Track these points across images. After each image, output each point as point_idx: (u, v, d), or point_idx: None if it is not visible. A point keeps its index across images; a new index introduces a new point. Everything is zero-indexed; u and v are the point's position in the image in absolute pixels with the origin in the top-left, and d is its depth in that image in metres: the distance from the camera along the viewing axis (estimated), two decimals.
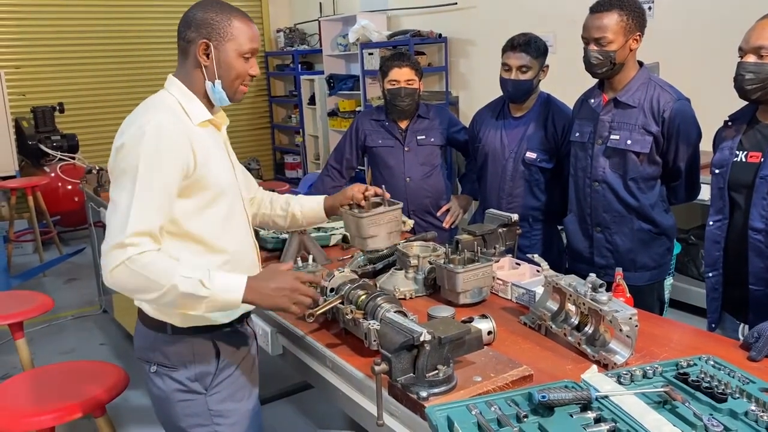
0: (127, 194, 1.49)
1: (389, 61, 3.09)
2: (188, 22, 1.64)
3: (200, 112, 1.67)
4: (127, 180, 1.50)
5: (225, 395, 1.74)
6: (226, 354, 1.74)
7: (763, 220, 1.90)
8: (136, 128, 1.54)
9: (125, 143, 1.54)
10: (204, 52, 1.63)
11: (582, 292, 1.70)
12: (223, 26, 1.62)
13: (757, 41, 1.85)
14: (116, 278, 1.47)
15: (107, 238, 1.49)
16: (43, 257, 5.90)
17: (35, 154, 6.31)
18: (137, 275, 1.46)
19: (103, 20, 7.20)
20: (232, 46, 1.64)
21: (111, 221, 1.50)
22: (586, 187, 2.45)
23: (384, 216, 1.96)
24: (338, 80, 7.12)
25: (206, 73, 1.65)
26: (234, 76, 1.66)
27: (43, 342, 4.25)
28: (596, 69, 2.30)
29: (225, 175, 1.70)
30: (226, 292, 1.52)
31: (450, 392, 1.44)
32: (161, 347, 1.70)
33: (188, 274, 1.48)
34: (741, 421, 1.26)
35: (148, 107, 1.63)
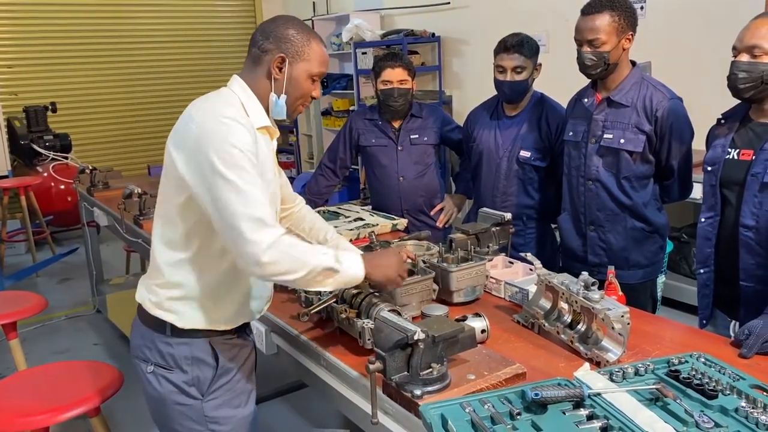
0: (240, 182, 1.48)
1: (382, 61, 3.09)
2: (267, 33, 1.66)
3: (261, 117, 1.67)
4: (234, 169, 1.49)
5: (222, 401, 1.72)
6: (225, 360, 1.72)
7: (753, 217, 1.92)
8: (214, 119, 1.53)
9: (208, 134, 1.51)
10: (278, 66, 1.64)
11: (574, 290, 1.71)
12: (302, 45, 1.65)
13: (751, 40, 1.86)
14: (272, 257, 1.48)
15: (240, 228, 1.46)
16: (36, 257, 5.89)
17: (28, 154, 6.29)
18: (288, 255, 1.50)
19: (95, 20, 7.17)
20: (305, 66, 1.66)
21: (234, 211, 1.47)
22: (579, 186, 2.46)
23: (416, 285, 1.95)
24: (332, 79, 7.12)
25: (274, 86, 1.66)
26: (299, 95, 1.69)
27: (36, 342, 4.24)
28: (590, 70, 2.32)
29: (273, 183, 1.73)
30: (351, 268, 1.61)
31: (444, 390, 1.45)
32: (159, 347, 1.69)
33: (324, 251, 1.59)
34: (731, 417, 1.28)
35: (215, 100, 1.63)
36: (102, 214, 3.91)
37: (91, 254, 4.63)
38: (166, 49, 7.61)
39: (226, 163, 1.49)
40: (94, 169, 4.28)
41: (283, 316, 2.03)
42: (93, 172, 4.24)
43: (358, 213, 3.10)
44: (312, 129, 7.56)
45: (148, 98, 7.47)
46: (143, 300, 1.72)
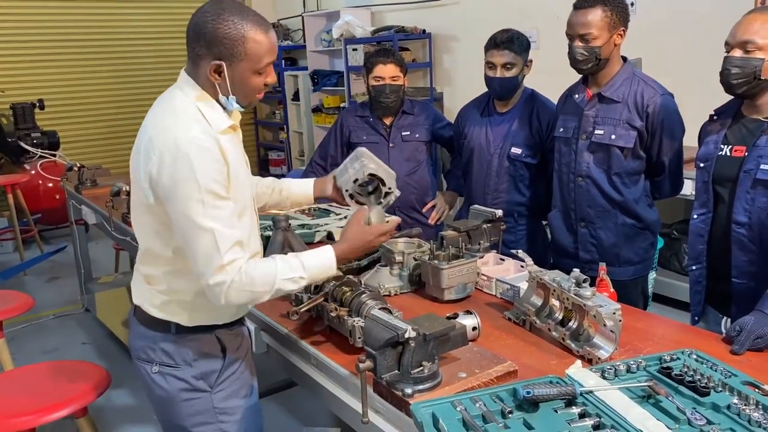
0: (203, 220, 1.48)
1: (373, 57, 3.08)
2: (197, 32, 1.51)
3: (221, 120, 1.58)
4: (195, 207, 1.47)
5: (229, 392, 1.73)
6: (231, 350, 1.73)
7: (746, 213, 1.92)
8: (173, 146, 1.47)
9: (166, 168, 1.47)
10: (215, 72, 1.53)
11: (566, 287, 1.70)
12: (237, 45, 1.50)
13: (744, 36, 1.86)
14: (229, 299, 1.53)
15: (204, 269, 1.50)
16: (23, 256, 5.84)
17: (15, 152, 6.22)
18: (245, 293, 1.54)
19: (83, 16, 7.11)
20: (248, 66, 1.53)
21: (197, 249, 1.50)
22: (570, 183, 2.46)
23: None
24: (322, 76, 7.10)
25: (219, 89, 1.56)
26: (249, 92, 1.59)
27: (24, 341, 4.20)
28: (582, 65, 2.31)
29: (247, 183, 1.69)
30: (321, 272, 1.66)
31: (435, 389, 1.44)
32: (164, 346, 1.67)
33: (287, 275, 1.58)
34: (723, 414, 1.27)
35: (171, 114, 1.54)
36: (90, 212, 3.88)
37: (79, 252, 4.59)
38: (154, 46, 7.56)
39: (196, 211, 1.47)
40: (82, 167, 4.24)
41: (273, 314, 2.01)
42: (81, 170, 4.20)
43: (349, 210, 3.08)
44: (303, 126, 7.53)
45: (136, 95, 7.42)
46: (143, 302, 1.69)
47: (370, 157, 1.98)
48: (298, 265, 1.60)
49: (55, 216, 6.16)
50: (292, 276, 1.58)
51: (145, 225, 1.62)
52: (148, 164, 1.50)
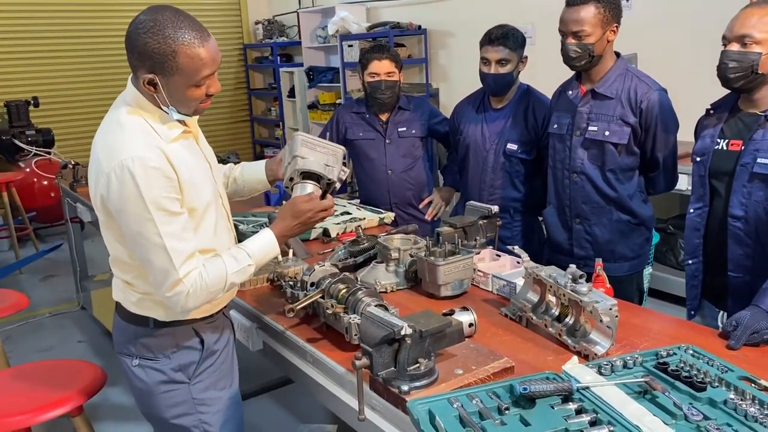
0: (154, 237, 1.50)
1: (369, 53, 3.07)
2: (130, 44, 1.49)
3: (170, 130, 1.58)
4: (145, 225, 1.50)
5: (208, 384, 1.75)
6: (209, 342, 1.75)
7: (742, 207, 1.92)
8: (117, 168, 1.48)
9: (113, 190, 1.49)
10: (150, 84, 1.50)
11: (562, 283, 1.70)
12: (168, 60, 1.46)
13: (741, 30, 1.86)
14: (186, 307, 1.58)
15: (161, 283, 1.54)
16: (18, 254, 5.81)
17: (9, 150, 6.20)
18: (203, 295, 1.58)
19: (77, 13, 7.08)
20: (182, 80, 1.49)
21: (154, 266, 1.54)
22: (564, 179, 2.46)
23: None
24: (318, 72, 7.08)
25: (159, 100, 1.54)
26: (189, 103, 1.56)
27: (20, 340, 4.18)
28: (575, 62, 2.31)
29: (207, 183, 1.67)
30: (266, 254, 1.72)
31: (431, 386, 1.44)
32: (143, 340, 1.69)
33: (235, 268, 1.63)
34: (720, 409, 1.27)
35: (116, 134, 1.53)
36: (85, 209, 3.86)
37: (74, 250, 4.58)
38: None
39: (148, 229, 1.50)
40: (77, 164, 4.22)
41: (269, 312, 2.01)
42: (76, 167, 4.18)
43: (345, 207, 3.08)
44: (298, 123, 7.52)
45: None
46: (121, 299, 1.72)
47: (306, 144, 1.86)
48: (243, 255, 1.66)
49: (50, 214, 6.13)
50: (240, 267, 1.64)
51: (108, 236, 1.65)
52: (97, 186, 1.54)
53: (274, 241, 1.73)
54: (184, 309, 1.59)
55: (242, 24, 8.20)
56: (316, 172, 1.83)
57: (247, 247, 1.69)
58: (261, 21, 8.00)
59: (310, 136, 1.91)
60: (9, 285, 4.61)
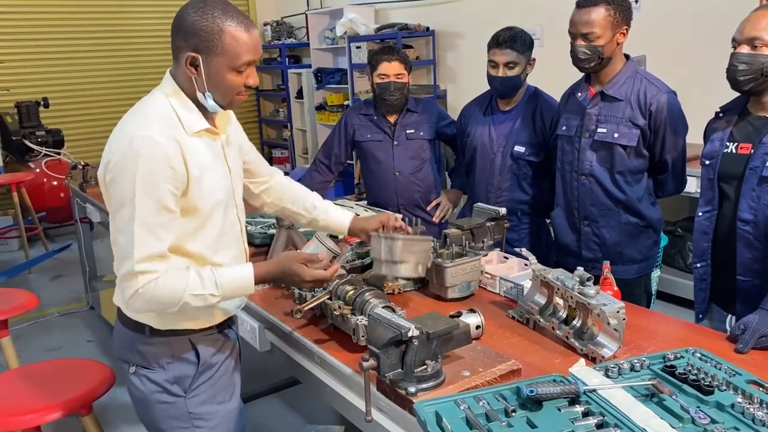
0: (128, 219, 1.46)
1: (378, 54, 3.07)
2: (178, 26, 1.50)
3: (195, 122, 1.56)
4: (126, 204, 1.46)
5: (205, 398, 1.70)
6: (206, 356, 1.70)
7: (751, 211, 1.91)
8: (126, 142, 1.46)
9: (114, 160, 1.47)
10: (191, 64, 1.50)
11: (570, 285, 1.70)
12: (213, 38, 1.47)
13: (752, 32, 1.85)
14: (133, 306, 1.55)
15: (117, 267, 1.50)
16: (28, 254, 5.85)
17: (20, 150, 6.24)
18: (151, 302, 1.52)
19: (87, 13, 7.12)
20: (224, 61, 1.49)
21: (117, 248, 1.50)
22: (573, 181, 2.45)
23: (416, 244, 1.93)
24: (326, 74, 7.09)
25: (197, 85, 1.53)
26: (226, 91, 1.54)
27: (29, 339, 4.21)
28: (584, 64, 2.30)
29: (220, 186, 1.63)
30: (237, 289, 1.62)
31: (438, 387, 1.44)
32: (139, 348, 1.66)
33: (197, 291, 1.53)
34: (727, 413, 1.27)
35: (139, 114, 1.54)
36: (95, 210, 3.89)
37: (84, 250, 4.61)
38: (159, 43, 7.55)
39: (125, 209, 1.46)
40: (86, 165, 4.25)
41: (277, 312, 2.01)
42: (85, 168, 4.21)
43: (353, 209, 3.08)
44: (306, 124, 7.53)
45: (141, 93, 7.21)
46: (120, 303, 1.68)
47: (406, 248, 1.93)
48: (211, 281, 1.55)
49: (59, 214, 6.17)
50: (202, 293, 1.54)
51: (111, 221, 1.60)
52: (104, 156, 1.52)
53: (250, 280, 1.62)
54: (129, 306, 1.55)
55: None
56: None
57: (219, 274, 1.57)
58: (269, 22, 8.02)
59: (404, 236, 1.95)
60: (19, 284, 4.65)
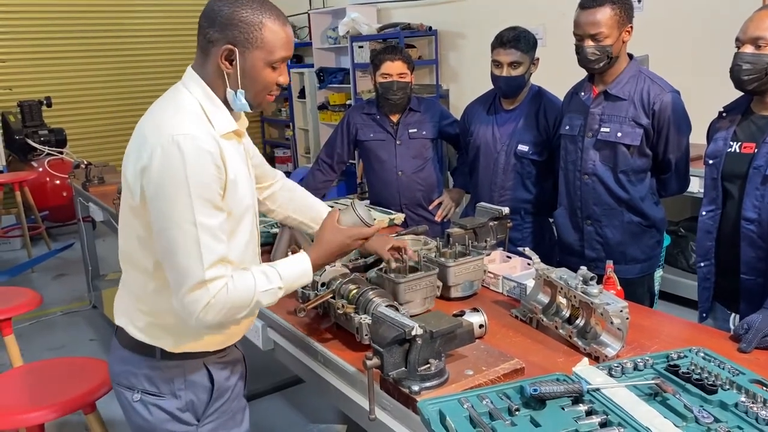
0: (188, 226, 1.35)
1: (381, 54, 3.07)
2: (212, 17, 1.41)
3: (225, 122, 1.47)
4: (182, 211, 1.34)
5: (217, 425, 1.61)
6: (220, 380, 1.60)
7: (755, 210, 1.92)
8: (165, 142, 1.35)
9: (155, 166, 1.35)
10: (227, 59, 1.42)
11: (573, 285, 1.70)
12: (253, 30, 1.40)
13: (755, 32, 1.85)
14: (203, 320, 1.39)
15: (181, 283, 1.37)
16: (31, 253, 5.85)
17: (23, 149, 6.25)
18: (224, 309, 1.40)
19: (90, 13, 7.13)
20: (261, 55, 1.42)
21: (177, 260, 1.36)
22: (576, 180, 2.45)
23: (420, 281, 1.90)
24: (328, 73, 7.09)
25: (228, 81, 1.44)
26: (260, 88, 1.47)
27: (32, 338, 4.22)
28: (593, 65, 2.30)
29: (249, 193, 1.56)
30: (298, 279, 1.55)
31: (442, 386, 1.44)
32: (147, 372, 1.54)
33: (265, 287, 1.45)
34: (731, 412, 1.27)
35: (171, 110, 1.43)
36: (97, 209, 3.89)
37: (86, 249, 4.62)
38: (161, 42, 7.58)
39: (182, 214, 1.34)
40: (89, 164, 4.26)
41: (280, 311, 2.01)
42: (88, 167, 4.21)
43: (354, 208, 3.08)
44: (309, 123, 7.53)
45: (143, 92, 7.43)
46: (126, 324, 1.55)
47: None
48: (275, 275, 1.48)
49: (62, 213, 6.18)
50: (270, 287, 1.46)
51: (129, 230, 1.50)
52: (139, 161, 1.39)
53: (309, 268, 1.55)
54: (200, 322, 1.39)
55: None
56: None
57: (278, 267, 1.51)
58: None
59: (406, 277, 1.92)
60: (21, 283, 4.65)
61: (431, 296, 1.93)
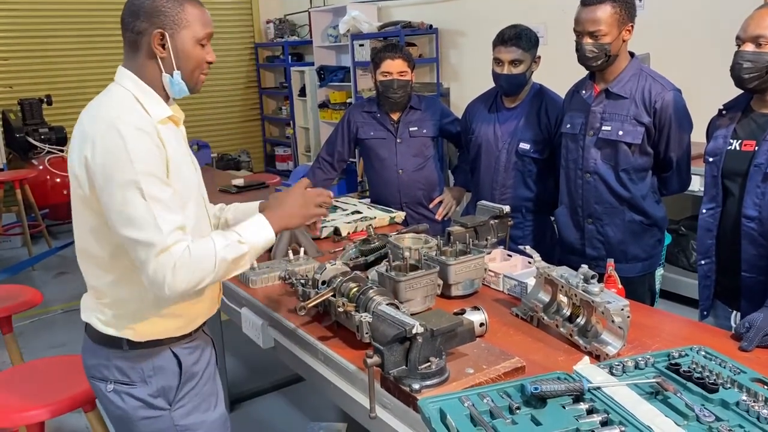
0: (140, 201, 1.41)
1: (382, 52, 3.07)
2: (135, 11, 1.52)
3: (160, 109, 1.56)
4: (131, 188, 1.41)
5: (190, 408, 1.67)
6: (188, 365, 1.66)
7: (756, 207, 1.91)
8: (107, 128, 1.43)
9: (98, 153, 1.42)
10: (159, 43, 1.52)
11: (574, 283, 1.70)
12: (178, 13, 1.52)
13: (756, 30, 1.85)
14: (174, 286, 1.42)
15: (146, 254, 1.41)
16: (31, 251, 5.86)
17: (23, 147, 6.25)
18: (191, 271, 1.43)
19: (91, 11, 7.12)
20: (189, 33, 1.54)
21: (137, 234, 1.41)
22: (577, 179, 2.45)
23: (421, 280, 1.90)
24: (329, 72, 7.09)
25: (163, 66, 1.54)
26: (194, 66, 1.57)
27: (33, 336, 4.22)
28: (591, 62, 2.30)
29: (193, 176, 1.64)
30: (259, 235, 1.56)
31: (442, 384, 1.44)
32: (117, 363, 1.60)
33: (224, 243, 1.49)
34: (732, 411, 1.27)
35: (106, 104, 1.52)
36: None
37: None
38: None
39: (133, 194, 1.41)
40: None
41: (281, 309, 2.02)
42: None
43: (356, 206, 3.08)
44: (309, 122, 7.53)
45: None
46: (90, 319, 1.63)
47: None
48: (231, 233, 1.53)
49: (62, 211, 6.18)
50: (228, 242, 1.49)
51: (82, 223, 1.56)
52: (82, 152, 1.45)
53: (265, 221, 1.59)
54: (172, 290, 1.42)
55: (253, 23, 8.22)
56: None
57: (237, 227, 1.57)
58: (272, 20, 8.02)
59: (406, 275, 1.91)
60: (22, 281, 4.65)
61: (432, 294, 1.93)
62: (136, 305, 1.56)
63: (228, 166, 7.37)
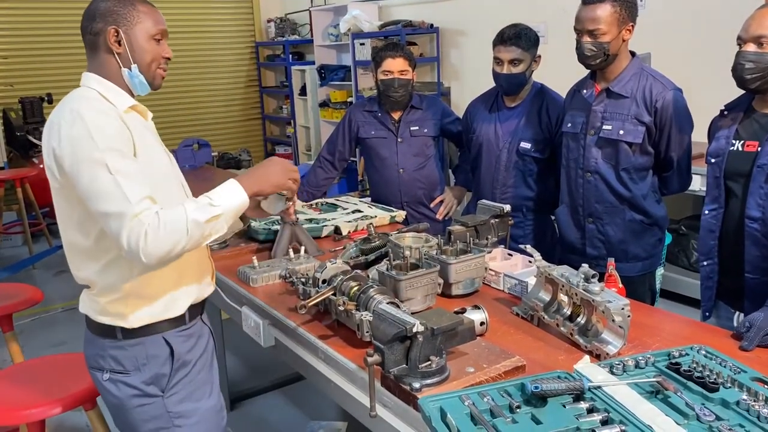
0: (106, 175, 1.45)
1: (382, 51, 3.07)
2: (91, 15, 1.63)
3: (123, 99, 1.63)
4: (97, 164, 1.45)
5: (183, 395, 1.70)
6: (181, 352, 1.69)
7: (759, 208, 1.91)
8: (70, 114, 1.50)
9: (65, 133, 1.49)
10: (115, 39, 1.61)
11: (574, 282, 1.70)
12: (128, 11, 1.62)
13: (757, 30, 1.85)
14: (149, 251, 1.42)
15: (119, 225, 1.43)
16: (32, 249, 5.86)
17: (24, 146, 6.25)
18: (164, 236, 1.43)
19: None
20: (142, 29, 1.64)
21: (106, 207, 1.44)
22: (578, 178, 2.45)
23: (421, 279, 1.90)
24: (329, 71, 7.09)
25: (121, 61, 1.63)
26: (149, 60, 1.65)
27: (33, 335, 4.22)
28: (590, 61, 2.30)
29: (167, 165, 1.69)
30: (231, 198, 1.56)
31: (443, 383, 1.44)
32: (112, 353, 1.65)
33: (194, 206, 1.50)
34: (732, 410, 1.27)
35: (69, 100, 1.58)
36: None
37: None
38: None
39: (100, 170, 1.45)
40: None
41: (281, 308, 2.02)
42: None
43: (356, 205, 3.08)
44: (310, 121, 7.53)
45: None
46: (86, 310, 1.69)
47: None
48: (204, 197, 1.55)
49: None
50: (199, 205, 1.50)
51: (65, 217, 1.62)
52: (50, 143, 1.52)
53: (236, 184, 1.59)
54: (148, 256, 1.42)
55: (254, 22, 8.22)
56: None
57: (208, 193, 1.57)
58: (273, 19, 8.02)
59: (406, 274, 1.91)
60: (23, 280, 4.66)
61: (432, 293, 1.93)
62: (123, 290, 1.61)
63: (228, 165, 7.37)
